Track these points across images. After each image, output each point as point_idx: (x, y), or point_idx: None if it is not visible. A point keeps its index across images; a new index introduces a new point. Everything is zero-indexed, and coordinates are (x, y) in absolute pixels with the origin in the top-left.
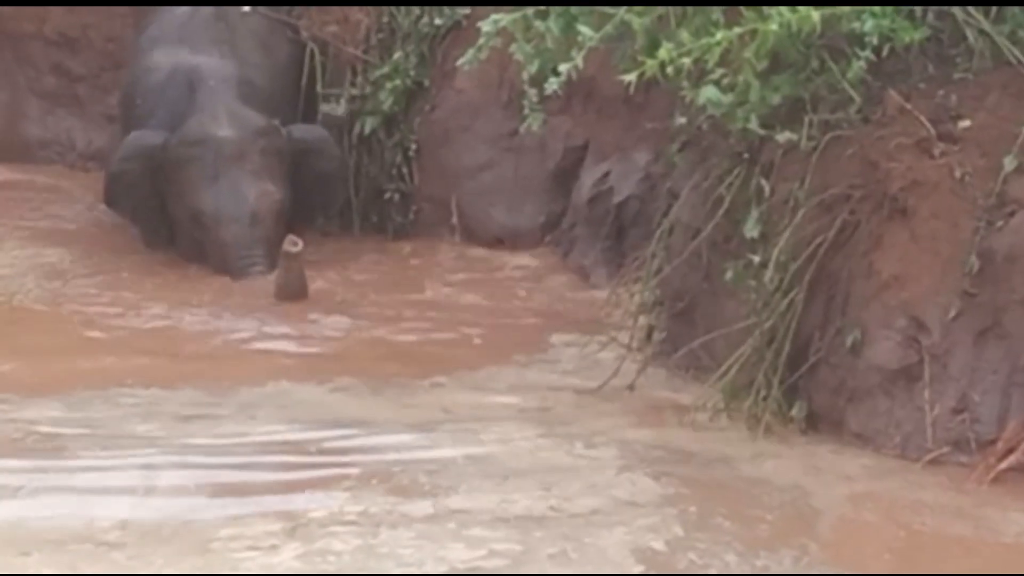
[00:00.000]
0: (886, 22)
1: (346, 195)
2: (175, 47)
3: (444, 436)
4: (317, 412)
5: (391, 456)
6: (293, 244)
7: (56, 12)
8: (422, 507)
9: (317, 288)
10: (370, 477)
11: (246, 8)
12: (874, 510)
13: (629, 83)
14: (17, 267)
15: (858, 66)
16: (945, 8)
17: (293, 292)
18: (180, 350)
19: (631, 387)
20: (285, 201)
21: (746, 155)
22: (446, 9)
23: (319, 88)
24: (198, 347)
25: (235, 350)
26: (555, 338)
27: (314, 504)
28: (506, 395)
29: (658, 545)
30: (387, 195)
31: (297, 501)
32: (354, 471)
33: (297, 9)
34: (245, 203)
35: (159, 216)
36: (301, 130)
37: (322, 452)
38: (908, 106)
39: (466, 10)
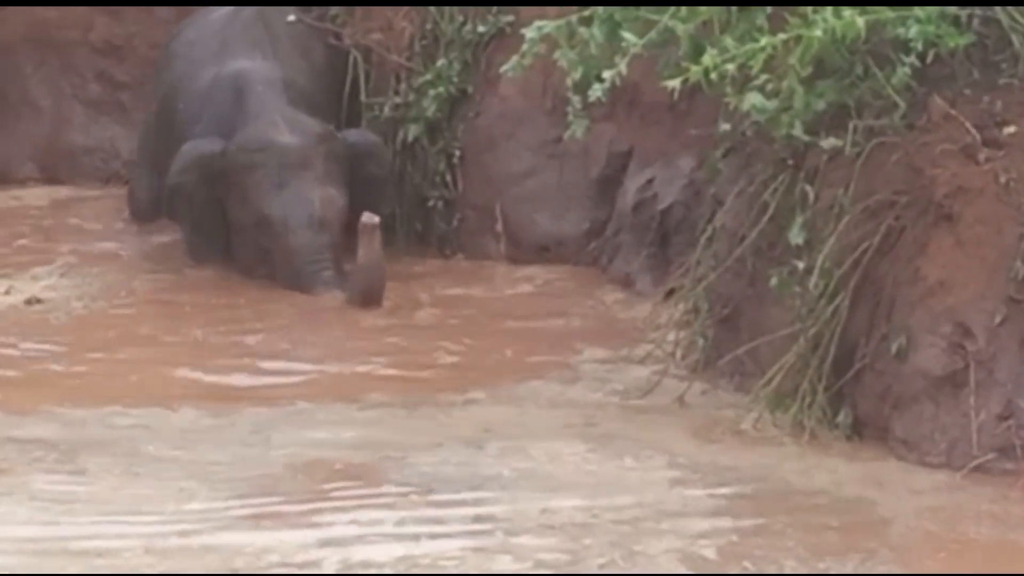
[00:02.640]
0: (931, 28)
1: (394, 201)
2: (215, 52)
3: (489, 450)
4: (356, 426)
5: (432, 471)
6: (371, 218)
7: (101, 20)
8: (466, 519)
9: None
10: (410, 492)
11: (291, 16)
12: (929, 518)
13: (673, 89)
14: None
15: (903, 72)
16: (990, 13)
17: (373, 270)
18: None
19: (678, 398)
20: (346, 206)
21: (791, 161)
22: (489, 16)
23: (363, 96)
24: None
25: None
26: (598, 347)
27: (354, 517)
28: (550, 408)
29: (710, 553)
30: (431, 203)
31: (339, 515)
32: (394, 487)
33: (339, 15)
34: (312, 209)
35: (217, 225)
36: (354, 135)
37: (363, 468)
38: (953, 112)
39: (509, 17)
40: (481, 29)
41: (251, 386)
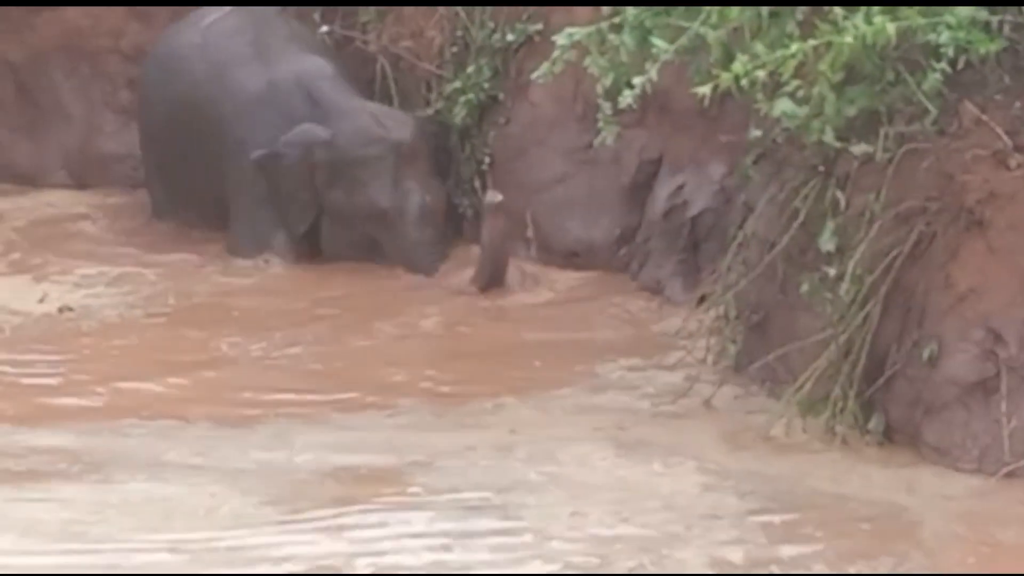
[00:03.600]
0: (962, 34)
1: None
2: (254, 55)
3: (518, 455)
4: (383, 432)
5: (460, 476)
6: (494, 195)
7: (133, 27)
8: (495, 523)
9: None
10: (439, 495)
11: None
12: (960, 523)
13: (704, 96)
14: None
15: (934, 78)
16: (1022, 19)
17: (498, 248)
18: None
19: (708, 403)
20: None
21: (821, 167)
22: (517, 24)
23: (395, 104)
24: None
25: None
26: (628, 354)
27: (384, 520)
28: (579, 413)
29: (738, 558)
30: (460, 209)
31: (367, 518)
32: (422, 489)
33: (370, 22)
34: (424, 202)
35: (308, 206)
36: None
37: (390, 472)
38: (984, 118)
39: (538, 25)
40: (510, 38)
41: (271, 395)
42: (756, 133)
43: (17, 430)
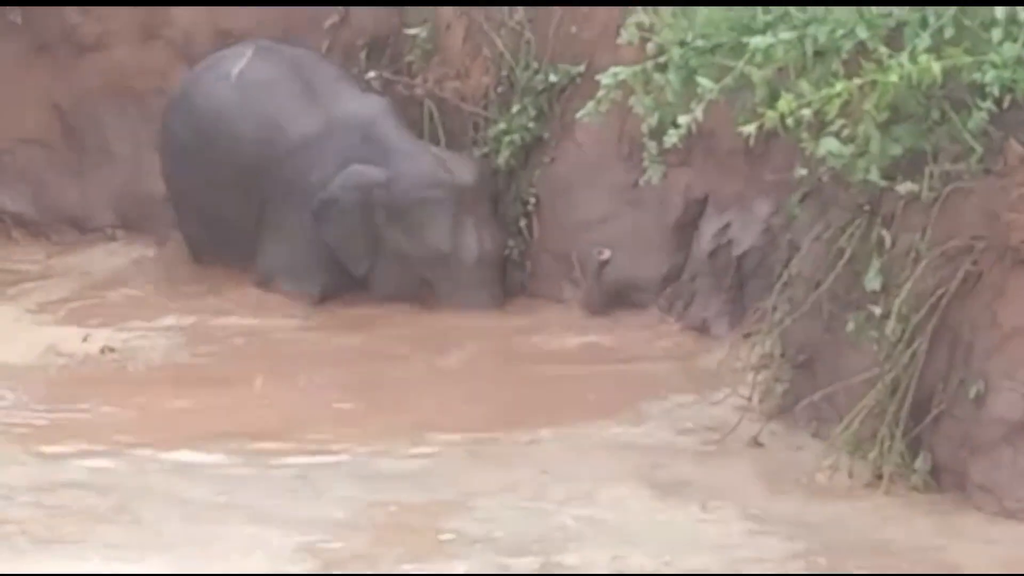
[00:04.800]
0: (1008, 73)
1: None
2: (304, 95)
3: (553, 495)
4: (416, 472)
5: (494, 519)
6: (600, 252)
7: (178, 68)
8: (531, 565)
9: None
10: (474, 539)
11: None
12: (1002, 568)
13: (749, 135)
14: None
15: (979, 117)
16: None
17: (598, 303)
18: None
19: (756, 441)
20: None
21: (867, 206)
22: (561, 65)
23: (442, 146)
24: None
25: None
26: (674, 392)
27: (416, 561)
28: (625, 450)
29: None
30: (506, 251)
31: (402, 567)
32: (455, 535)
33: (415, 64)
34: (484, 246)
35: (364, 247)
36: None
37: (422, 511)
38: None
39: (581, 66)
40: (554, 78)
41: (298, 432)
42: (802, 172)
43: (43, 463)
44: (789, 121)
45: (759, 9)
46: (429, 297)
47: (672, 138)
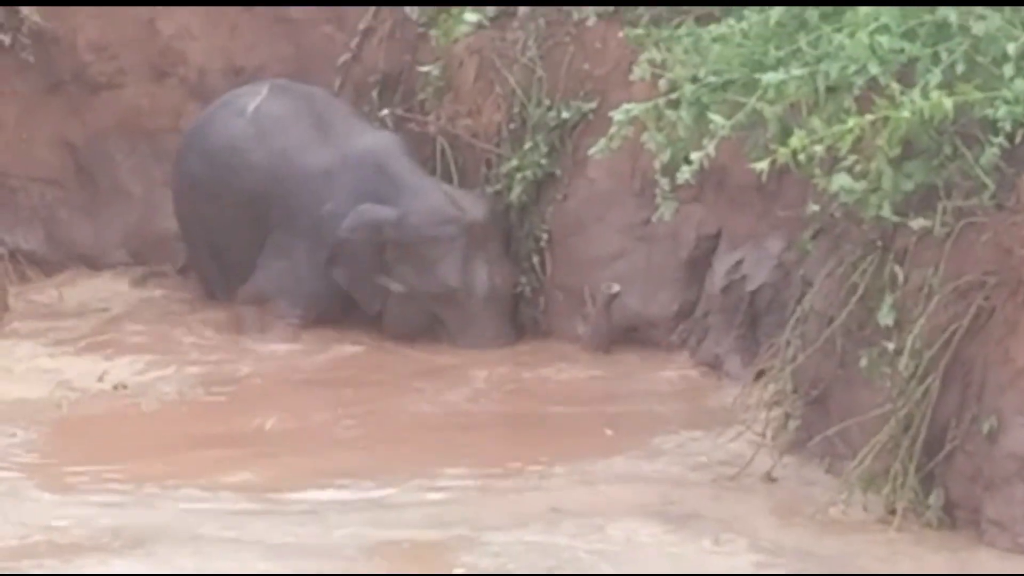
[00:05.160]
0: (1019, 109)
1: None
2: (317, 131)
3: (565, 529)
4: (426, 506)
5: (506, 552)
6: (610, 287)
7: (190, 107)
8: None
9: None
10: (486, 573)
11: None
12: None
13: (761, 171)
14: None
15: (991, 152)
16: None
17: (605, 337)
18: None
19: (769, 477)
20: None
21: (879, 242)
22: (573, 101)
23: (454, 183)
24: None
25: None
26: (687, 428)
27: None
28: (630, 484)
29: None
30: (517, 288)
31: None
32: (467, 567)
33: (427, 102)
34: (495, 282)
35: (376, 287)
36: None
37: (434, 546)
38: None
39: (593, 103)
40: (566, 115)
41: (306, 466)
42: (814, 208)
43: (54, 499)
44: (801, 157)
45: (771, 45)
46: (441, 333)
47: (684, 174)
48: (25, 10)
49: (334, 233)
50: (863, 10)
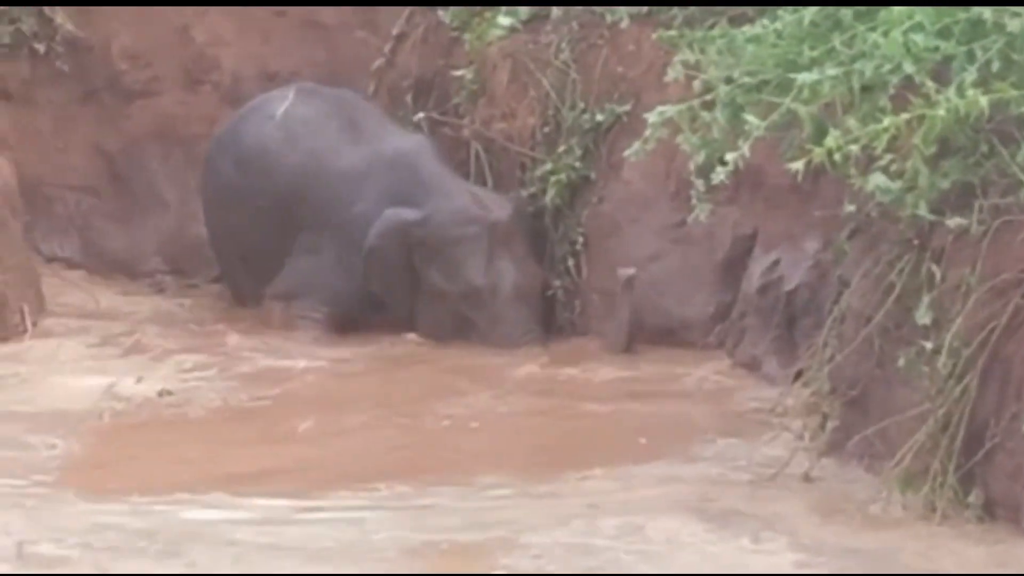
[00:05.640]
0: None
1: None
2: (348, 134)
3: (604, 530)
4: (464, 509)
5: (548, 553)
6: (626, 271)
7: (225, 113)
8: None
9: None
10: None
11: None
12: None
13: (797, 171)
14: None
15: None
16: None
17: (624, 324)
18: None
19: (807, 477)
20: (543, 275)
21: (916, 241)
22: (606, 104)
23: (489, 186)
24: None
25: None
26: (724, 430)
27: None
28: (668, 486)
29: None
30: (550, 291)
31: None
32: (507, 568)
33: (461, 106)
34: (520, 282)
35: (409, 289)
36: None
37: (474, 547)
38: None
39: (626, 106)
40: (600, 118)
41: (341, 471)
42: (850, 208)
43: (92, 505)
44: (837, 157)
45: (805, 45)
46: (472, 334)
47: (719, 175)
48: (59, 19)
49: (364, 236)
50: (897, 9)
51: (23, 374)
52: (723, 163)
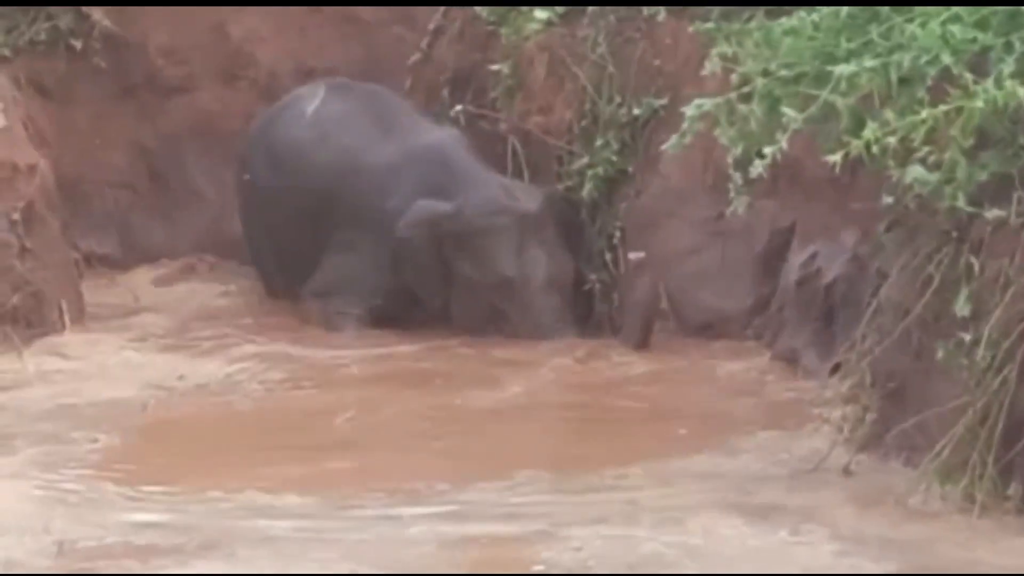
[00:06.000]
0: None
1: None
2: (383, 129)
3: (644, 524)
4: (502, 503)
5: (586, 547)
6: (637, 254)
7: (264, 109)
8: None
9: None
10: (567, 568)
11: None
12: None
13: (835, 164)
14: None
15: None
16: None
17: (646, 306)
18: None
19: (846, 470)
20: (574, 265)
21: (955, 233)
22: (643, 98)
23: (525, 179)
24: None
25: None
26: (763, 423)
27: None
28: (708, 479)
29: None
30: (587, 286)
31: None
32: (545, 566)
33: (499, 100)
34: (550, 272)
35: (441, 280)
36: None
37: (513, 541)
38: None
39: (664, 100)
40: (637, 111)
41: (375, 465)
42: (888, 200)
43: (132, 502)
44: (875, 149)
45: (842, 37)
46: (505, 326)
47: (757, 168)
48: (96, 16)
49: (396, 231)
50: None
51: (64, 370)
52: (761, 156)
